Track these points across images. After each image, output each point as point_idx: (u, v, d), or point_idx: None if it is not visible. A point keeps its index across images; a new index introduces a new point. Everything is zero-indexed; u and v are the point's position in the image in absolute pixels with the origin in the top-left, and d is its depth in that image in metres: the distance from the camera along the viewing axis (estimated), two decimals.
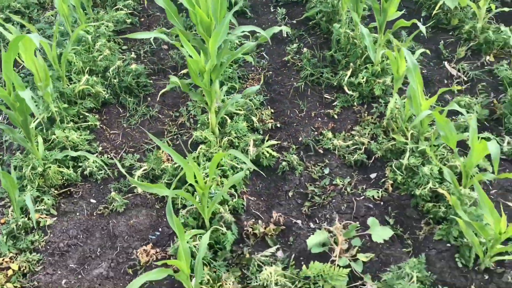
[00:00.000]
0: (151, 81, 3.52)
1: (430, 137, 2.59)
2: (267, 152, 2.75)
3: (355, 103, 3.13)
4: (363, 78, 3.13)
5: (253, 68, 3.65)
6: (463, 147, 2.68)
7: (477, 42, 3.55)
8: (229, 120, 2.87)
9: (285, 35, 4.02)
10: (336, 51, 3.49)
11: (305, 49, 3.61)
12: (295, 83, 3.43)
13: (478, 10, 3.56)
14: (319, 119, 3.11)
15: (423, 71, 3.44)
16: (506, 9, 3.60)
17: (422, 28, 2.94)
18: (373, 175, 2.62)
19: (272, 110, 3.19)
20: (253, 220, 2.43)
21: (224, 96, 3.10)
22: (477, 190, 1.81)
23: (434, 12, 3.83)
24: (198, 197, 2.21)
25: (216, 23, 2.78)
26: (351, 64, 3.29)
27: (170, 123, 3.15)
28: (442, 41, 3.72)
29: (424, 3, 4.09)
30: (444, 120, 2.09)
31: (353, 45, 3.37)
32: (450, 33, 3.79)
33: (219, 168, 2.56)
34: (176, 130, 3.09)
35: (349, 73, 3.24)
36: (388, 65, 3.19)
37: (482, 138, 2.75)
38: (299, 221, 2.39)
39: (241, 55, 3.15)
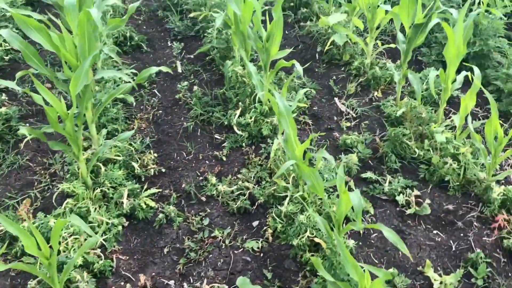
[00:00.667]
0: (26, 125, 3.20)
1: None
2: (145, 203, 2.54)
3: (244, 144, 3.03)
4: (251, 118, 3.04)
5: (142, 107, 3.45)
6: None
7: (365, 78, 3.61)
8: (103, 168, 2.64)
9: (180, 71, 3.88)
10: (228, 89, 3.39)
11: (195, 87, 3.48)
12: (185, 123, 3.27)
13: (366, 47, 3.63)
14: (207, 162, 2.96)
15: (314, 108, 3.43)
16: (392, 45, 3.71)
17: (300, 69, 2.92)
18: (255, 223, 2.50)
19: (157, 154, 2.99)
20: (122, 283, 2.20)
21: (104, 140, 2.87)
22: (339, 246, 1.72)
23: (326, 48, 3.87)
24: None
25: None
26: (240, 103, 3.20)
27: (42, 172, 2.85)
28: (334, 77, 3.76)
29: (319, 38, 4.14)
30: (309, 170, 2.01)
31: (242, 83, 3.29)
32: (342, 69, 3.84)
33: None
34: (49, 180, 2.79)
35: (238, 112, 3.14)
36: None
37: (363, 178, 2.74)
38: (171, 282, 2.19)
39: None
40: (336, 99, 3.50)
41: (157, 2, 5.03)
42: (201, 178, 2.81)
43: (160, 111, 3.40)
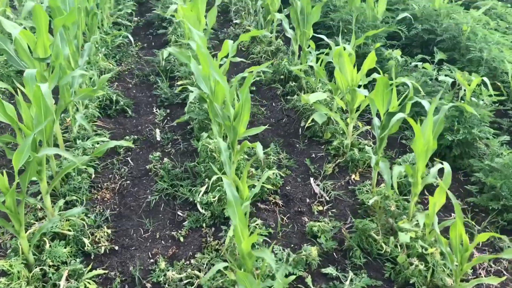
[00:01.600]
0: None
1: None
2: (85, 286, 2.38)
3: (204, 224, 2.88)
4: (214, 197, 2.91)
5: (111, 176, 3.36)
6: None
7: (344, 159, 3.49)
8: (47, 245, 2.51)
9: (158, 139, 3.82)
10: (199, 163, 3.30)
11: (165, 159, 3.39)
12: (149, 196, 3.16)
13: (346, 127, 3.54)
14: (163, 242, 2.80)
15: (287, 188, 3.29)
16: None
17: (260, 153, 2.84)
18: None
19: (114, 229, 2.86)
20: None
21: (60, 212, 2.76)
22: None
23: (307, 124, 3.80)
24: None
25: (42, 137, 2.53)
26: (207, 179, 3.09)
27: None
28: (313, 155, 3.65)
29: (304, 113, 4.08)
30: (243, 274, 1.85)
31: (212, 158, 3.19)
32: (323, 147, 3.74)
33: None
34: None
35: (203, 189, 3.02)
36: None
37: (324, 273, 2.55)
38: None
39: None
40: (311, 179, 3.37)
41: (151, 67, 5.10)
42: (151, 260, 2.65)
43: (128, 182, 3.31)
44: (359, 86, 3.37)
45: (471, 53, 4.50)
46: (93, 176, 3.19)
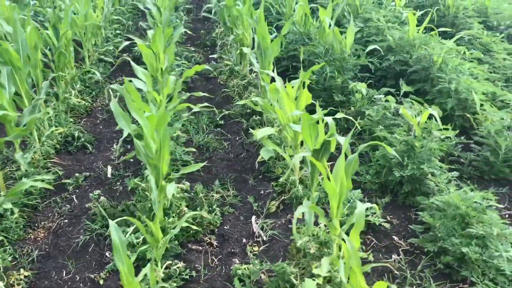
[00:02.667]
0: None
1: None
2: None
3: None
4: (137, 238, 2.84)
5: (50, 214, 3.34)
6: None
7: (289, 196, 3.37)
8: None
9: (109, 176, 3.80)
10: (135, 202, 3.24)
11: (102, 197, 3.35)
12: (81, 236, 3.10)
13: (292, 162, 3.43)
14: (81, 284, 2.73)
15: (225, 227, 3.19)
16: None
17: (169, 193, 2.74)
18: None
19: (36, 272, 2.81)
20: None
21: None
22: None
23: (257, 160, 3.71)
24: None
25: None
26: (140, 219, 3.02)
27: None
28: (262, 191, 3.55)
29: (261, 148, 3.99)
30: None
31: (143, 197, 3.13)
32: (273, 183, 3.62)
33: None
34: None
35: (131, 229, 2.94)
36: (169, 223, 2.92)
37: None
38: None
39: None
40: (253, 217, 3.25)
41: (123, 102, 5.14)
42: None
43: (66, 220, 3.27)
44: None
45: (440, 84, 4.36)
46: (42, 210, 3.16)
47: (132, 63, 3.72)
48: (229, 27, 5.61)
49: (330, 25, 5.05)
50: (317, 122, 2.88)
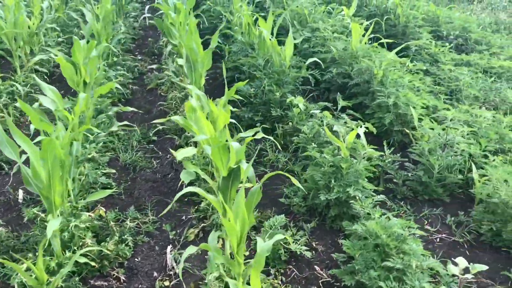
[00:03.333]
0: None
1: None
2: None
3: None
4: (31, 275, 2.54)
5: None
6: None
7: (209, 223, 3.13)
8: None
9: (21, 201, 3.48)
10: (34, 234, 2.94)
11: (1, 228, 3.04)
12: None
13: (214, 185, 3.19)
14: None
15: (136, 259, 2.92)
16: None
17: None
18: None
19: None
20: None
21: None
22: None
23: (180, 183, 3.46)
24: None
25: None
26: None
27: None
28: (184, 217, 3.30)
29: None
30: None
31: (43, 229, 2.84)
32: (193, 208, 3.38)
33: None
34: None
35: (24, 266, 2.65)
36: (66, 258, 2.64)
37: None
38: None
39: None
40: (169, 247, 2.99)
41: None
42: None
43: None
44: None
45: (378, 98, 4.21)
46: None
47: (37, 79, 3.43)
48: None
49: (272, 36, 4.86)
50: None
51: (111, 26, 6.35)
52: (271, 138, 3.23)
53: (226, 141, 3.53)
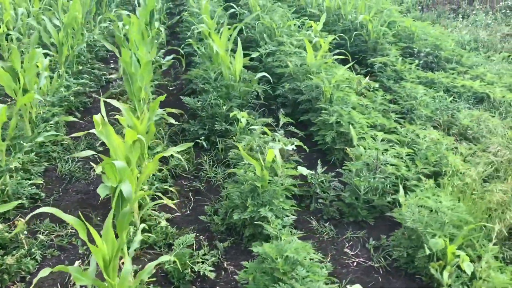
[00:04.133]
0: None
1: None
2: None
3: None
4: None
5: None
6: None
7: None
8: None
9: None
10: None
11: None
12: None
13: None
14: None
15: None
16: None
17: None
18: None
19: None
20: None
21: None
22: None
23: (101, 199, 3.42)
24: None
25: None
26: None
27: None
28: None
29: None
30: None
31: None
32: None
33: None
34: None
35: None
36: None
37: None
38: None
39: None
40: (77, 262, 2.95)
41: None
42: None
43: None
44: None
45: (321, 116, 4.16)
46: None
47: None
48: None
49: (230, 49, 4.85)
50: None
51: (82, 34, 6.39)
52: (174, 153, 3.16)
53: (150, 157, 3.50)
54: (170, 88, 5.95)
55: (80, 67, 5.93)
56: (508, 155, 3.65)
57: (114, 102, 3.38)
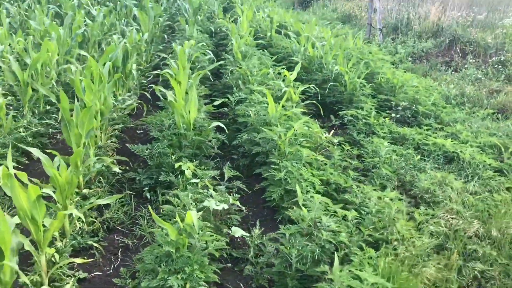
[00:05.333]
0: None
1: None
2: None
3: None
4: None
5: None
6: None
7: None
8: None
9: None
10: None
11: None
12: None
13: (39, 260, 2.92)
14: None
15: None
16: None
17: None
18: None
19: None
20: None
21: None
22: None
23: None
24: None
25: None
26: None
27: None
28: None
29: None
30: None
31: None
32: None
33: None
34: None
35: None
36: None
37: None
38: None
39: None
40: None
41: None
42: None
43: None
44: None
45: (269, 171, 3.94)
46: None
47: None
48: None
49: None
50: None
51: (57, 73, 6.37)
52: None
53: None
54: (138, 132, 5.82)
55: (48, 107, 5.85)
56: (462, 224, 3.37)
57: (34, 151, 3.20)
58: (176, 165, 3.94)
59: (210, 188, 3.67)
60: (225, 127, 4.53)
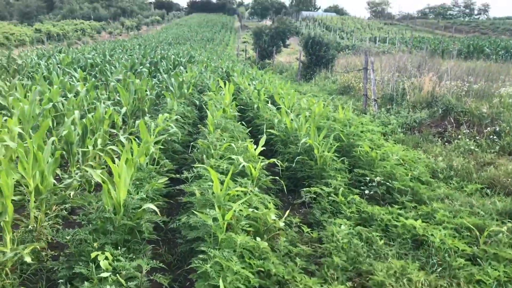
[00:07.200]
0: None
1: None
2: None
3: None
4: None
5: None
6: None
7: None
8: None
9: None
10: None
11: None
12: None
13: None
14: None
15: None
16: None
17: None
18: None
19: None
20: None
21: None
22: None
23: None
24: None
25: None
26: None
27: None
28: None
29: None
30: None
31: None
32: None
33: None
34: None
35: None
36: None
37: None
38: None
39: None
40: None
41: None
42: None
43: None
44: None
45: (196, 262, 3.42)
46: None
47: None
48: None
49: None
50: None
51: None
52: None
53: None
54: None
55: None
56: None
57: None
58: (92, 255, 3.47)
59: (124, 285, 3.17)
60: (156, 209, 4.07)
